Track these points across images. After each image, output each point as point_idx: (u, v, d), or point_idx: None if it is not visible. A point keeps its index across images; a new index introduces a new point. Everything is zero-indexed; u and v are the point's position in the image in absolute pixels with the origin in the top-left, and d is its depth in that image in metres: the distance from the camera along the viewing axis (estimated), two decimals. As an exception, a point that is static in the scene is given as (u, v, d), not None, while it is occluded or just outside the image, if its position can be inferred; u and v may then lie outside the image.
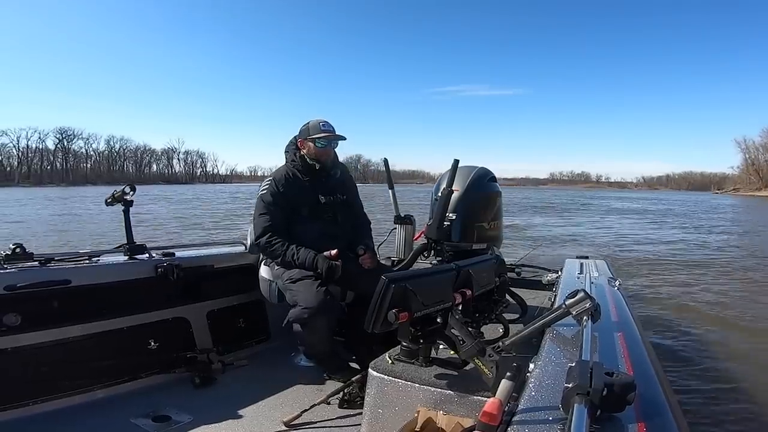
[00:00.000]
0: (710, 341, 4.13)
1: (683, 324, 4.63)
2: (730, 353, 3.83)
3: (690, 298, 5.77)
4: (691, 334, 4.31)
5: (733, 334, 4.35)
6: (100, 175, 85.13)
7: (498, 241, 2.57)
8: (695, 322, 4.68)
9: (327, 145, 2.26)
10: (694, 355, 3.77)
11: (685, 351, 3.85)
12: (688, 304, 5.46)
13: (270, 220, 2.21)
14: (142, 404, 1.94)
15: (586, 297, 1.20)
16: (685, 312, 5.08)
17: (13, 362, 1.84)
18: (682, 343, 4.06)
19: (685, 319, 4.81)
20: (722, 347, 3.98)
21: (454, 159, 2.32)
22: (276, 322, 2.55)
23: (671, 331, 4.40)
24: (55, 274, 1.99)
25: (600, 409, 0.74)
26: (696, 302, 5.54)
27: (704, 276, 7.29)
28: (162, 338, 2.24)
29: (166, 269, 2.28)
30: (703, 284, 6.65)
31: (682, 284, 6.64)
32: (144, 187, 56.00)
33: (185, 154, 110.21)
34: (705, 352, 3.84)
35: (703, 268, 8.00)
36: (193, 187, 65.20)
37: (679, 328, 4.48)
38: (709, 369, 3.49)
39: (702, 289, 6.32)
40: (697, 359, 3.67)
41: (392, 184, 3.00)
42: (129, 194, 2.34)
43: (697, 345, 4.02)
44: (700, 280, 6.99)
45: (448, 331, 1.27)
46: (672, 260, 8.91)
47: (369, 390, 1.36)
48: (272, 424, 1.80)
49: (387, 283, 1.19)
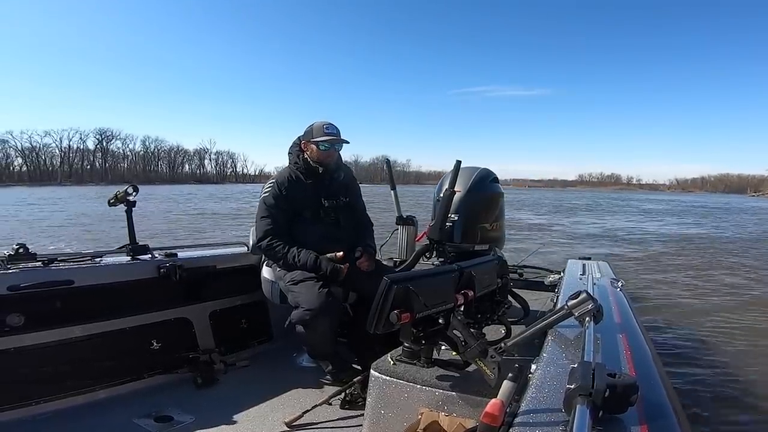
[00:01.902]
0: (713, 343, 4.11)
1: (686, 325, 4.61)
2: (733, 355, 3.82)
3: (692, 298, 5.75)
4: (694, 336, 4.29)
5: (736, 335, 4.33)
6: (136, 175, 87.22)
7: (500, 242, 2.56)
8: (698, 324, 4.66)
9: (330, 148, 2.25)
10: (696, 356, 3.75)
11: (688, 352, 3.83)
12: (690, 305, 5.44)
13: (272, 222, 2.21)
14: (145, 404, 1.95)
15: (588, 298, 1.19)
16: (688, 313, 5.06)
17: (17, 362, 1.85)
18: (685, 344, 4.04)
19: (687, 320, 4.79)
20: (725, 348, 3.96)
21: (456, 160, 2.32)
22: (278, 322, 2.56)
23: (674, 332, 4.39)
24: (58, 274, 2.00)
25: (602, 410, 0.73)
26: (698, 303, 5.52)
27: (706, 276, 7.27)
28: (164, 339, 2.25)
29: (169, 270, 2.29)
30: (705, 284, 6.62)
31: (683, 284, 6.62)
32: (182, 187, 58.12)
33: (216, 154, 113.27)
34: (708, 354, 3.83)
35: (706, 268, 7.98)
36: (224, 187, 66.87)
37: (682, 330, 4.47)
38: (712, 370, 3.47)
39: (704, 289, 6.30)
40: (700, 361, 3.66)
41: (394, 184, 3.00)
42: (132, 195, 2.34)
43: (700, 346, 4.00)
44: (702, 280, 6.96)
45: (450, 332, 1.27)
46: (673, 260, 8.88)
47: (371, 391, 1.36)
48: (274, 424, 1.81)
49: (389, 284, 1.19)
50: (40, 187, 54.86)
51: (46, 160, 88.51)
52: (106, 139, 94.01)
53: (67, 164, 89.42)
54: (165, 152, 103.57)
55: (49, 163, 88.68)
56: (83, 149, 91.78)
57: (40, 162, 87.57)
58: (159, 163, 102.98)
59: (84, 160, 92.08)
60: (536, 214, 21.64)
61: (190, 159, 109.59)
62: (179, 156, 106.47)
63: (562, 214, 22.44)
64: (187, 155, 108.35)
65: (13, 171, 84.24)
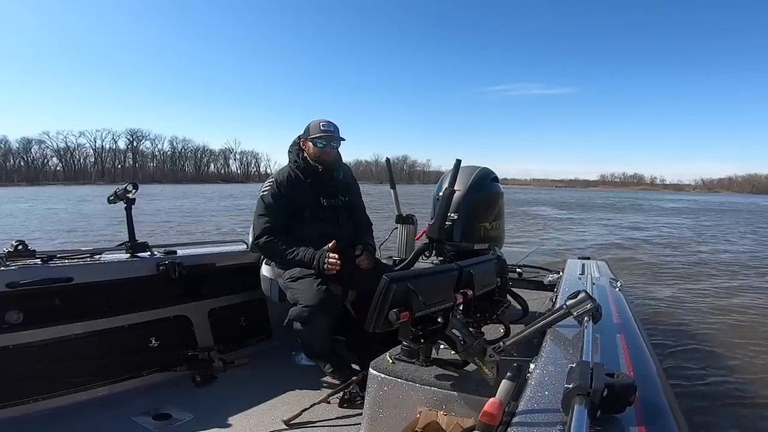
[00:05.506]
0: (712, 343, 4.12)
1: (685, 325, 4.62)
2: (732, 355, 3.82)
3: (692, 298, 5.75)
4: (693, 336, 4.29)
5: (735, 335, 4.34)
6: (165, 174, 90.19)
7: (499, 241, 2.56)
8: (697, 324, 4.67)
9: (326, 145, 2.24)
10: (695, 356, 3.76)
11: (686, 352, 3.83)
12: (689, 305, 5.44)
13: (269, 221, 2.21)
14: (143, 402, 1.95)
15: (587, 298, 1.20)
16: (687, 313, 5.07)
17: (15, 360, 1.85)
18: (684, 344, 4.04)
19: (686, 320, 4.80)
20: (724, 348, 3.97)
21: (456, 159, 2.32)
22: (277, 320, 2.56)
23: (673, 332, 4.39)
24: (57, 271, 1.99)
25: (600, 409, 0.74)
26: (698, 303, 5.52)
27: (708, 277, 7.28)
28: (163, 336, 2.25)
29: (168, 267, 2.29)
30: (706, 285, 6.63)
31: (684, 285, 6.63)
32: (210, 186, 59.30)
33: (241, 154, 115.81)
34: (707, 354, 3.83)
35: (707, 269, 7.99)
36: (247, 186, 67.76)
37: (681, 330, 4.47)
38: (710, 371, 3.47)
39: (705, 289, 6.30)
40: (699, 361, 3.66)
41: (394, 183, 3.00)
42: (131, 192, 2.34)
43: (699, 346, 4.00)
44: (703, 280, 6.97)
45: (449, 331, 1.27)
46: (674, 261, 8.89)
47: (369, 389, 1.36)
48: (272, 422, 1.81)
49: (388, 282, 1.19)
50: (79, 186, 57.08)
51: (80, 159, 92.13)
52: (137, 139, 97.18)
53: (100, 164, 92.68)
54: (191, 152, 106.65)
55: (82, 163, 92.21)
56: (115, 149, 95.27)
57: (74, 162, 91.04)
58: (185, 163, 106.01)
59: (116, 160, 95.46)
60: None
61: (216, 159, 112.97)
62: (205, 156, 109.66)
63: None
64: (212, 155, 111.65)
65: (49, 170, 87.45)
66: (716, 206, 35.65)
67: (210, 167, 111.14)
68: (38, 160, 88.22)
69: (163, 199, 28.62)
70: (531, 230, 14.44)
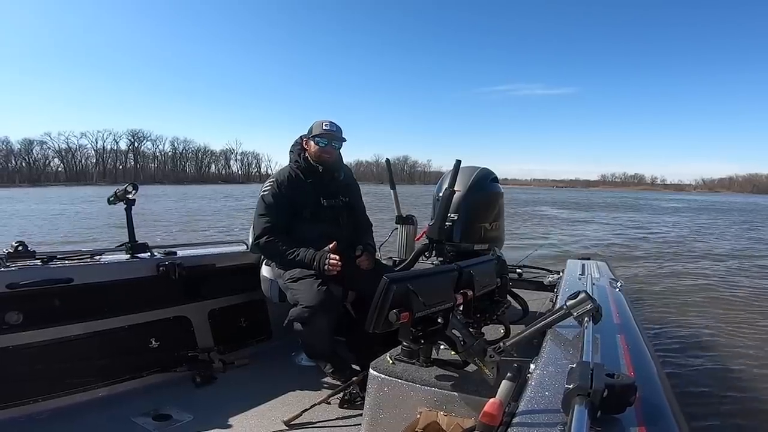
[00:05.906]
0: (712, 343, 4.11)
1: (685, 325, 4.61)
2: (732, 355, 3.82)
3: (692, 299, 5.75)
4: (693, 336, 4.29)
5: (735, 335, 4.33)
6: (166, 175, 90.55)
7: (499, 241, 2.56)
8: (697, 324, 4.66)
9: (327, 144, 2.25)
10: (695, 356, 3.75)
11: (686, 353, 3.83)
12: (690, 305, 5.44)
13: (270, 221, 2.21)
14: (143, 403, 1.95)
15: (587, 298, 1.20)
16: (687, 313, 5.07)
17: (15, 360, 1.85)
18: (684, 344, 4.04)
19: (687, 320, 4.79)
20: (725, 349, 3.97)
21: (456, 159, 2.32)
22: (277, 321, 2.56)
23: (673, 332, 4.39)
24: (57, 272, 1.99)
25: (600, 410, 0.73)
26: (698, 303, 5.52)
27: (708, 277, 7.27)
28: (163, 337, 2.25)
29: (168, 268, 2.29)
30: (706, 285, 6.63)
31: (684, 285, 6.62)
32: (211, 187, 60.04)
33: (242, 155, 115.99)
34: (707, 354, 3.83)
35: (707, 269, 7.98)
36: (249, 186, 68.13)
37: (681, 330, 4.47)
38: (710, 371, 3.47)
39: (705, 289, 6.30)
40: (699, 361, 3.66)
41: (394, 184, 3.00)
42: (131, 193, 2.34)
43: (699, 346, 4.00)
44: (703, 280, 6.97)
45: (449, 331, 1.27)
46: (674, 261, 8.89)
47: (369, 390, 1.36)
48: (273, 423, 1.81)
49: (388, 283, 1.19)
50: (80, 187, 57.62)
51: (81, 160, 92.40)
52: (138, 140, 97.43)
53: (101, 165, 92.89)
54: (193, 153, 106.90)
55: (84, 164, 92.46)
56: (116, 150, 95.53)
57: (76, 162, 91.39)
58: (187, 163, 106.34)
59: (117, 161, 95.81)
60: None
61: (217, 159, 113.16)
62: (206, 156, 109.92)
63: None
64: (213, 156, 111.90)
65: (51, 171, 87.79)
66: (716, 206, 35.73)
67: (211, 168, 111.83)
68: (40, 160, 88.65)
69: (168, 199, 29.32)
70: (532, 229, 14.49)
